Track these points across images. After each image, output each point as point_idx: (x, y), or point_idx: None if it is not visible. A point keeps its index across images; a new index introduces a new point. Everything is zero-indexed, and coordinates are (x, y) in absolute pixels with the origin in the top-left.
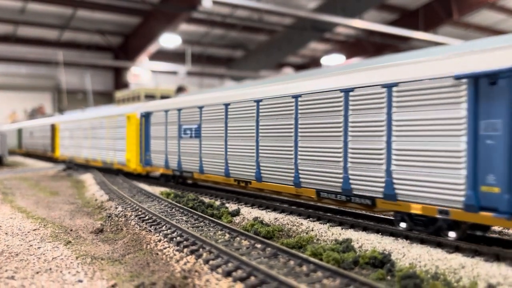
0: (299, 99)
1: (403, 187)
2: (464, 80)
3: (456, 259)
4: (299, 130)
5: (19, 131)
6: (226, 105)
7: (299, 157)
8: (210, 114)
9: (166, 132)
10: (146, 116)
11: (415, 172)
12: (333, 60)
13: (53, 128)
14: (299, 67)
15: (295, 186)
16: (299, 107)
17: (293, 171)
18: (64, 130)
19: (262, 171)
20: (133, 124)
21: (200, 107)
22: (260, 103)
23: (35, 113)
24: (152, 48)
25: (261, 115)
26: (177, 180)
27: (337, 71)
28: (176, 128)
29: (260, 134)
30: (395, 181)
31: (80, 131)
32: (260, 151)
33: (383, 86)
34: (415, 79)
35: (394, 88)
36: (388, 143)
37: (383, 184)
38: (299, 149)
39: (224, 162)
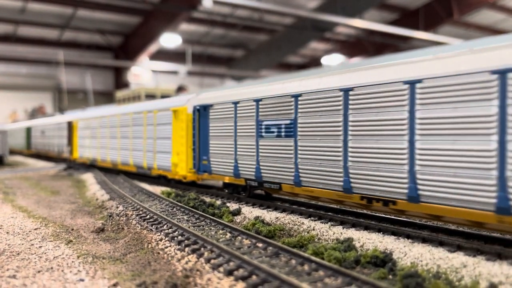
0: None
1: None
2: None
3: (458, 258)
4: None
5: (28, 130)
6: (347, 90)
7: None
8: (314, 104)
9: (236, 130)
10: (203, 109)
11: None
12: (334, 59)
13: (70, 126)
14: (299, 67)
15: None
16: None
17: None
18: (84, 129)
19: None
20: (182, 121)
21: (296, 96)
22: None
23: (35, 113)
24: (152, 48)
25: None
26: (250, 192)
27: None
28: (253, 124)
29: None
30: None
31: (105, 130)
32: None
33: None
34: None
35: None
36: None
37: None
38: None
39: (343, 169)
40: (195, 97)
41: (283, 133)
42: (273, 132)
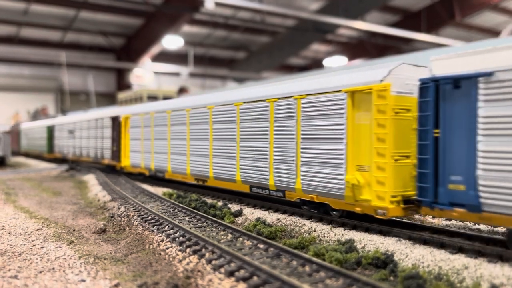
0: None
1: None
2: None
3: (459, 260)
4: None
5: (50, 130)
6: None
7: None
8: None
9: None
10: (453, 86)
11: None
12: (336, 61)
13: (115, 123)
14: (301, 69)
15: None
16: None
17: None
18: (144, 127)
19: None
20: (377, 110)
21: None
22: None
23: (37, 114)
24: (154, 50)
25: None
26: None
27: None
28: None
29: None
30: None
31: (182, 127)
32: None
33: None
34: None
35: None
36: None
37: None
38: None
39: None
40: (411, 67)
41: None
42: None
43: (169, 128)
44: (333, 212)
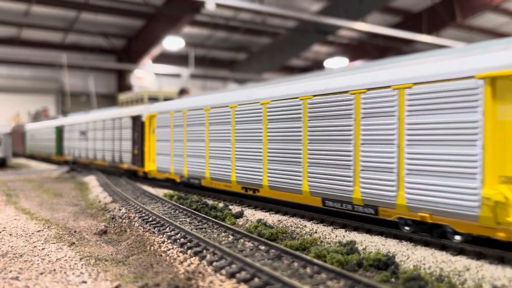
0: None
1: None
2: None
3: (461, 262)
4: None
5: (59, 130)
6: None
7: None
8: None
9: None
10: None
11: None
12: (336, 62)
13: (137, 123)
14: (302, 70)
15: None
16: None
17: None
18: (174, 127)
19: None
20: None
21: None
22: None
23: (38, 115)
24: (155, 51)
25: None
26: None
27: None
28: None
29: None
30: None
31: (225, 127)
32: None
33: None
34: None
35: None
36: None
37: None
38: None
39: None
40: None
41: None
42: None
43: (207, 128)
44: (456, 236)
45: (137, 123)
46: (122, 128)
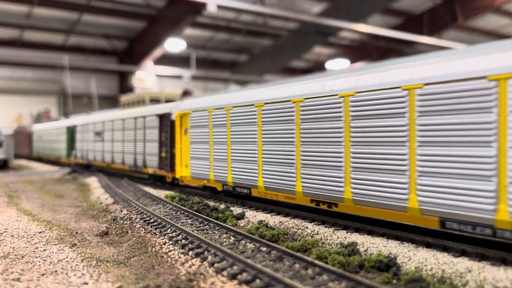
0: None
1: None
2: None
3: (463, 263)
4: None
5: (70, 131)
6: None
7: None
8: None
9: None
10: None
11: None
12: (338, 64)
13: (164, 122)
14: (303, 71)
15: None
16: None
17: None
18: (214, 126)
19: None
20: None
21: None
22: None
23: (40, 117)
24: (157, 53)
25: None
26: None
27: None
28: None
29: None
30: None
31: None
32: None
33: None
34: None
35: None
36: None
37: None
38: None
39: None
40: None
41: None
42: None
43: (259, 127)
44: None
45: (165, 122)
46: (147, 128)
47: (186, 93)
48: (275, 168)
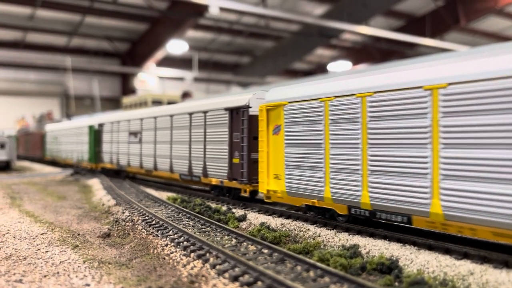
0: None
1: None
2: None
3: (465, 266)
4: None
5: (93, 131)
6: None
7: None
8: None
9: None
10: None
11: None
12: (340, 66)
13: (236, 117)
14: (305, 73)
15: None
16: None
17: None
18: (334, 123)
19: None
20: None
21: None
22: None
23: (43, 119)
24: (159, 54)
25: None
26: None
27: None
28: None
29: None
30: None
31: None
32: None
33: None
34: None
35: None
36: None
37: None
38: None
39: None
40: None
41: None
42: None
43: (435, 122)
44: None
45: (238, 118)
46: (208, 125)
47: (185, 95)
48: (471, 184)
